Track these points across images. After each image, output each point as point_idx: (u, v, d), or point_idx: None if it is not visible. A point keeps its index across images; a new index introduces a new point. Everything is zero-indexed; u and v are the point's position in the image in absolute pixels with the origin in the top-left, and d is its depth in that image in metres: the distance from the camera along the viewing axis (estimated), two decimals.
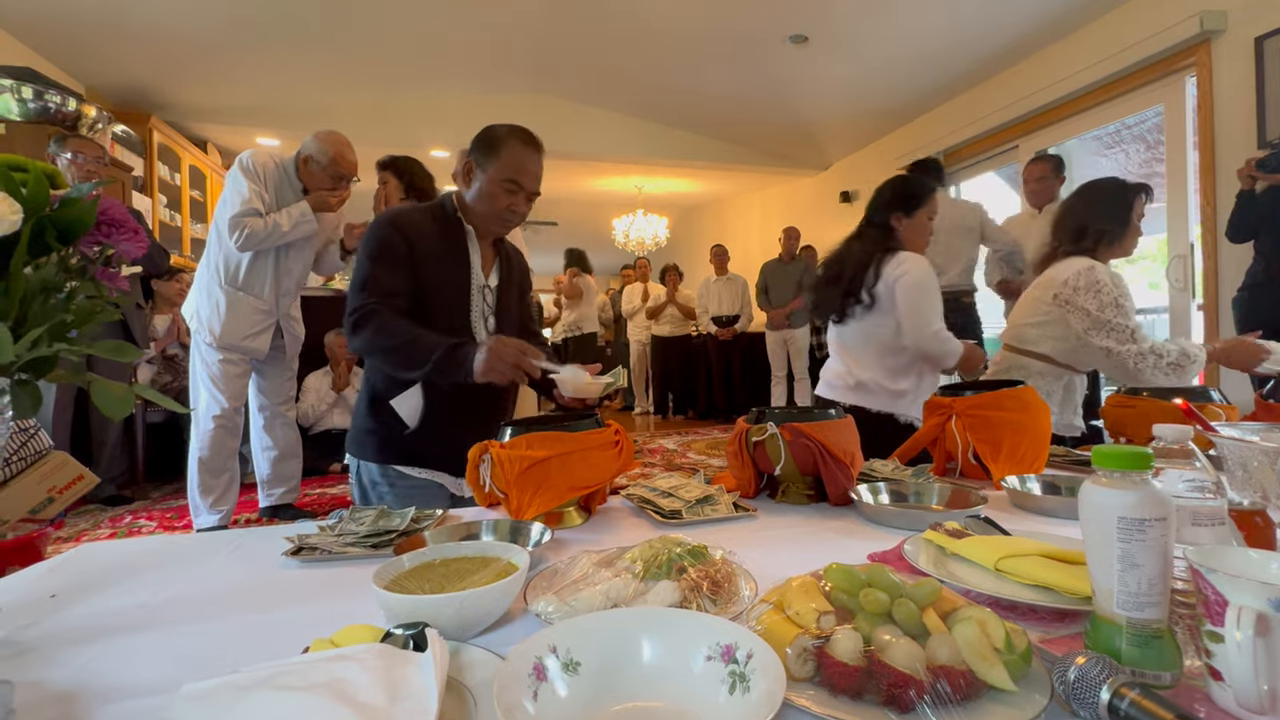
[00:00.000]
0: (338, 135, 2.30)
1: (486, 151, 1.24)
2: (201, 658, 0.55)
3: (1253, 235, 2.45)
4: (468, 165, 1.27)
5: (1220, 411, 1.23)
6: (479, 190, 1.25)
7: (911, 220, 1.69)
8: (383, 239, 1.20)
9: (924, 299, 1.62)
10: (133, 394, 0.64)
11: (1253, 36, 2.74)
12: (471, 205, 1.27)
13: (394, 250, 1.19)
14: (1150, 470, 0.45)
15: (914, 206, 1.69)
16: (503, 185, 1.23)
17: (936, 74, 4.21)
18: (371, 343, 1.14)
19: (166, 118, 4.56)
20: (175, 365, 3.33)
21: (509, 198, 1.24)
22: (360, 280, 1.18)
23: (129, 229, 0.64)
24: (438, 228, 1.26)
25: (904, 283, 1.63)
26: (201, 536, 0.92)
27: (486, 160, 1.24)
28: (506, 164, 1.23)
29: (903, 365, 1.67)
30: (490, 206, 1.25)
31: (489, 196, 1.25)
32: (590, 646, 0.45)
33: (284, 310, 2.41)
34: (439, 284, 1.23)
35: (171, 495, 3.22)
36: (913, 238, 1.70)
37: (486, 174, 1.24)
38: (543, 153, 1.28)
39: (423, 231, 1.23)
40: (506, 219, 1.27)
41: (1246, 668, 0.37)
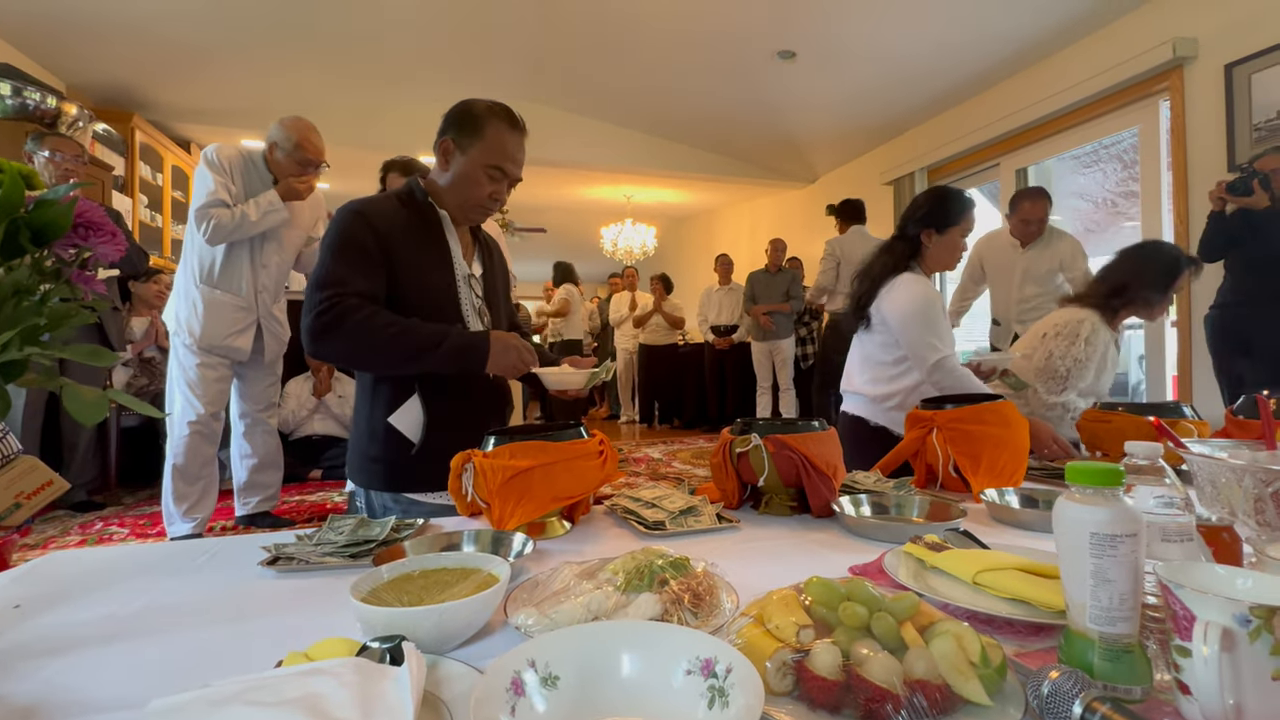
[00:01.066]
0: (302, 120, 2.28)
1: (467, 131, 1.11)
2: (172, 671, 0.54)
3: (1223, 255, 2.53)
4: (445, 145, 1.14)
5: (1192, 428, 1.26)
6: (457, 174, 1.13)
7: (943, 238, 1.63)
8: (346, 230, 1.06)
9: (920, 327, 1.55)
10: (106, 399, 0.63)
11: (1222, 64, 2.83)
12: (446, 190, 1.15)
13: (360, 242, 1.06)
14: (1122, 487, 0.46)
15: (947, 224, 1.62)
16: (485, 170, 1.12)
17: (921, 92, 4.30)
18: (354, 340, 1.00)
19: (150, 117, 4.50)
20: (153, 368, 3.27)
21: (492, 184, 1.13)
22: (321, 277, 1.03)
23: (106, 231, 0.63)
24: (408, 215, 1.13)
25: (893, 312, 1.60)
26: (175, 545, 0.91)
27: (467, 141, 1.11)
28: (490, 147, 1.11)
29: (890, 379, 1.67)
30: (470, 193, 1.14)
31: (470, 181, 1.13)
32: (569, 660, 0.45)
33: (265, 309, 2.37)
34: (419, 276, 1.11)
35: (145, 501, 3.15)
36: (940, 255, 1.65)
37: (467, 156, 1.12)
38: (525, 135, 1.17)
39: (393, 220, 1.10)
40: (487, 206, 1.16)
41: (1212, 682, 0.38)
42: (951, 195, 1.67)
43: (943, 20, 3.50)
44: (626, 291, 6.40)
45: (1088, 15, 3.30)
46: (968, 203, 1.65)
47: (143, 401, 0.68)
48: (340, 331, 1.00)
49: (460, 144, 1.13)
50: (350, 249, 1.05)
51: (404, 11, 3.83)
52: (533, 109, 5.32)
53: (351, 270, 1.04)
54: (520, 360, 1.06)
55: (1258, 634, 0.38)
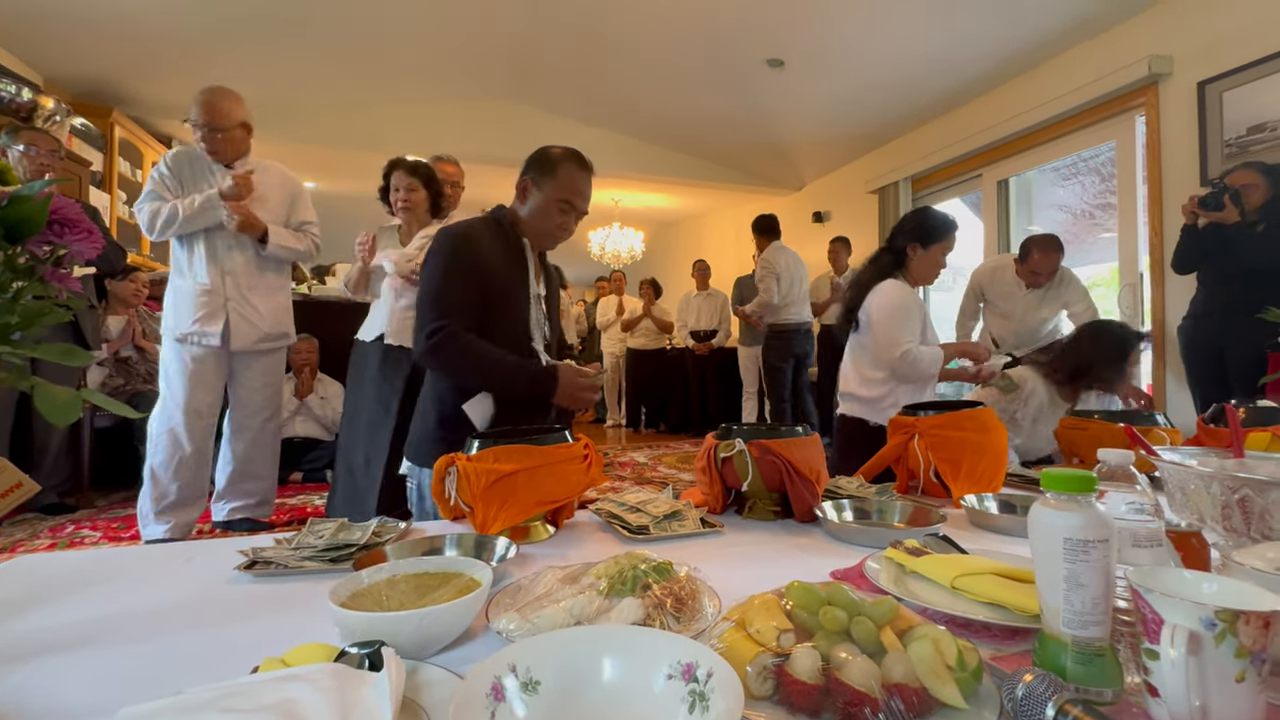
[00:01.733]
0: (210, 87, 2.29)
1: (544, 172, 1.32)
2: (144, 678, 0.53)
3: (1195, 268, 2.59)
4: (524, 183, 1.34)
5: (1164, 435, 1.29)
6: (534, 207, 1.33)
7: (926, 253, 1.77)
8: (455, 254, 1.25)
9: (892, 323, 1.70)
10: (80, 399, 0.61)
11: (1195, 81, 2.91)
12: (525, 220, 1.35)
13: (466, 265, 1.24)
14: (1094, 493, 0.48)
15: (931, 240, 1.77)
16: (557, 204, 1.32)
17: (906, 102, 4.36)
18: (454, 364, 1.22)
19: (130, 112, 4.42)
20: (129, 368, 3.20)
21: (561, 216, 1.33)
22: (434, 295, 1.23)
23: (83, 228, 0.62)
24: (499, 241, 1.32)
25: (874, 310, 1.74)
26: (150, 549, 0.89)
27: (543, 180, 1.32)
28: (563, 185, 1.31)
29: (883, 380, 1.77)
30: (543, 224, 1.33)
31: (543, 214, 1.32)
32: (550, 665, 0.45)
33: (235, 293, 2.28)
34: (505, 295, 1.29)
35: (120, 504, 3.08)
36: (922, 269, 1.79)
37: (543, 193, 1.32)
38: (592, 174, 1.38)
39: (489, 245, 1.29)
40: (556, 236, 1.36)
41: (1179, 684, 0.39)
42: (937, 215, 1.81)
43: (928, 33, 3.56)
44: (614, 295, 6.40)
45: (1067, 31, 3.38)
46: (951, 224, 1.80)
47: (118, 402, 0.66)
48: (445, 352, 1.20)
49: (537, 182, 1.33)
50: (457, 272, 1.24)
51: (393, 11, 3.81)
52: (519, 111, 5.33)
53: (459, 293, 1.23)
54: (584, 399, 1.26)
55: (1222, 637, 0.39)
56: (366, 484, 2.15)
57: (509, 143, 5.31)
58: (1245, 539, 0.60)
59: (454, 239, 1.26)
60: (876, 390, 1.77)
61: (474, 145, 5.13)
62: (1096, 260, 4.24)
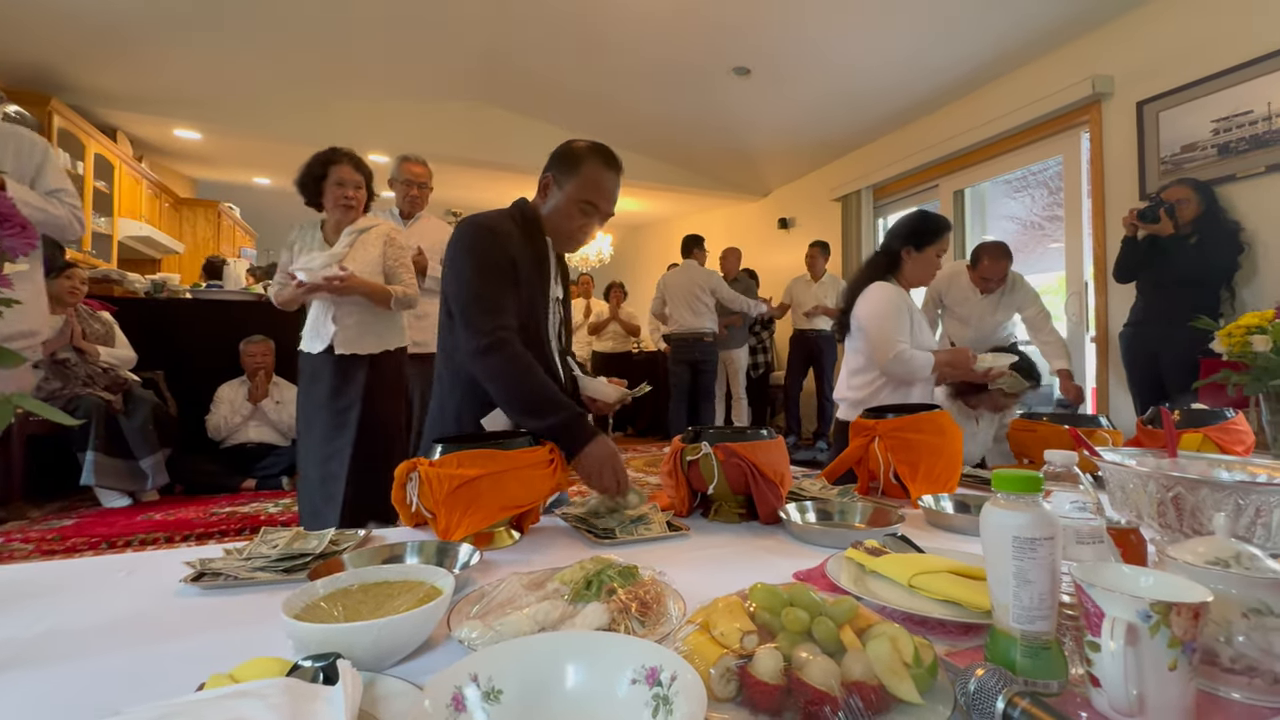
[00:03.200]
0: None
1: (565, 169, 1.20)
2: (79, 700, 0.50)
3: (1134, 277, 2.74)
4: (545, 180, 1.23)
5: (1107, 436, 1.36)
6: (555, 206, 1.22)
7: (920, 255, 1.78)
8: (487, 250, 1.13)
9: (883, 324, 1.71)
10: (11, 404, 0.58)
11: (1135, 101, 3.08)
12: (546, 219, 1.24)
13: (500, 264, 1.14)
14: (1041, 493, 0.50)
15: (924, 243, 1.77)
16: (579, 205, 1.20)
17: (868, 114, 4.49)
18: (499, 377, 1.08)
19: (70, 101, 4.19)
20: (66, 371, 3.03)
21: (583, 218, 1.21)
22: (481, 296, 1.10)
23: (16, 223, 0.59)
24: (524, 238, 1.20)
25: (864, 313, 1.75)
26: (87, 562, 0.84)
27: (565, 178, 1.20)
28: (586, 184, 1.19)
29: (872, 382, 1.80)
30: (564, 224, 1.22)
31: (564, 215, 1.21)
32: (512, 673, 0.44)
33: None
34: (528, 296, 1.18)
35: (54, 515, 2.91)
36: (916, 271, 1.80)
37: (564, 191, 1.20)
38: (621, 173, 1.25)
39: (516, 241, 1.18)
40: (577, 238, 1.24)
41: (1118, 674, 0.41)
42: (930, 217, 1.83)
43: (888, 47, 3.67)
44: (581, 299, 6.38)
45: (1018, 50, 3.53)
46: (945, 225, 1.81)
47: (53, 408, 0.63)
48: (490, 362, 1.07)
49: (559, 179, 1.21)
50: (494, 270, 1.12)
51: (353, 4, 3.72)
52: (486, 111, 5.27)
53: (502, 293, 1.12)
54: (612, 484, 1.03)
55: (1157, 628, 0.42)
56: (324, 498, 2.07)
57: (476, 144, 5.24)
58: (1179, 534, 0.63)
59: (483, 231, 1.15)
60: (863, 393, 1.80)
61: (441, 145, 5.05)
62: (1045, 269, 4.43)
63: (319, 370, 2.13)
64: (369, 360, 2.12)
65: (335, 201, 2.10)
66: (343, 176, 2.09)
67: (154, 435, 3.13)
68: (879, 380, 1.78)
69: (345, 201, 2.09)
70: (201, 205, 6.11)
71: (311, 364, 2.16)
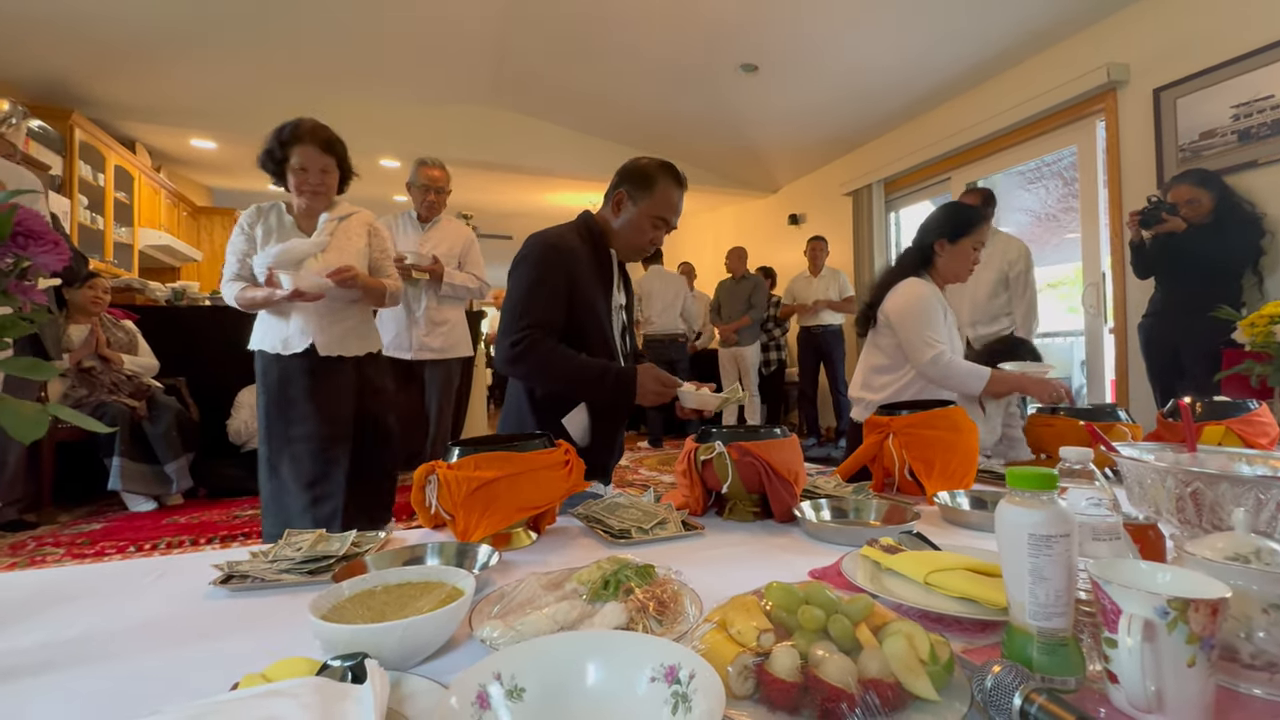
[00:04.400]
0: None
1: (640, 186, 1.33)
2: (116, 700, 0.51)
3: (1154, 273, 2.69)
4: (619, 196, 1.35)
5: (1126, 431, 1.34)
6: (628, 221, 1.34)
7: (955, 247, 1.71)
8: (543, 264, 1.25)
9: (916, 322, 1.64)
10: (47, 414, 0.60)
11: (1151, 88, 3.03)
12: (617, 232, 1.36)
13: (554, 279, 1.25)
14: (1056, 490, 0.50)
15: (959, 234, 1.71)
16: (651, 219, 1.33)
17: (878, 107, 4.45)
18: (538, 371, 1.23)
19: (90, 114, 4.29)
20: (93, 379, 3.10)
21: (654, 231, 1.35)
22: (521, 307, 1.23)
23: (48, 241, 0.61)
24: (588, 251, 1.32)
25: (895, 308, 1.67)
26: (119, 565, 0.87)
27: (639, 194, 1.33)
28: (659, 201, 1.32)
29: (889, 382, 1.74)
30: (636, 238, 1.35)
31: (636, 229, 1.34)
32: (534, 672, 0.46)
33: None
34: (589, 305, 1.30)
35: (83, 519, 2.98)
36: (952, 264, 1.73)
37: (638, 207, 1.33)
38: (686, 189, 1.38)
39: (578, 256, 1.30)
40: (645, 249, 1.38)
41: (1136, 670, 0.41)
42: (963, 207, 1.77)
43: (897, 40, 3.64)
44: None
45: (1030, 39, 3.49)
46: (978, 215, 1.74)
47: (85, 415, 0.65)
48: (529, 359, 1.22)
49: (633, 195, 1.34)
50: (545, 284, 1.25)
51: (364, 13, 3.76)
52: (496, 114, 5.30)
53: (543, 305, 1.24)
54: (663, 392, 1.23)
55: (1174, 625, 0.42)
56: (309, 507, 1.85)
57: (487, 146, 5.28)
58: (1198, 530, 0.63)
59: (547, 248, 1.27)
60: (883, 393, 1.74)
61: (452, 149, 5.09)
62: (1061, 261, 4.37)
63: (292, 374, 1.85)
64: (355, 363, 1.94)
65: (298, 188, 1.79)
66: (305, 160, 1.75)
67: (177, 440, 3.19)
68: (903, 380, 1.72)
69: (310, 188, 1.79)
70: (218, 213, 6.22)
71: (282, 367, 1.86)
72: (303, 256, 1.78)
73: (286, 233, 1.83)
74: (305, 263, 1.81)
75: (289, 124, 1.75)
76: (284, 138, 1.75)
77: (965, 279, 1.78)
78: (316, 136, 1.76)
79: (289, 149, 1.75)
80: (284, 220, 1.84)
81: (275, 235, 1.83)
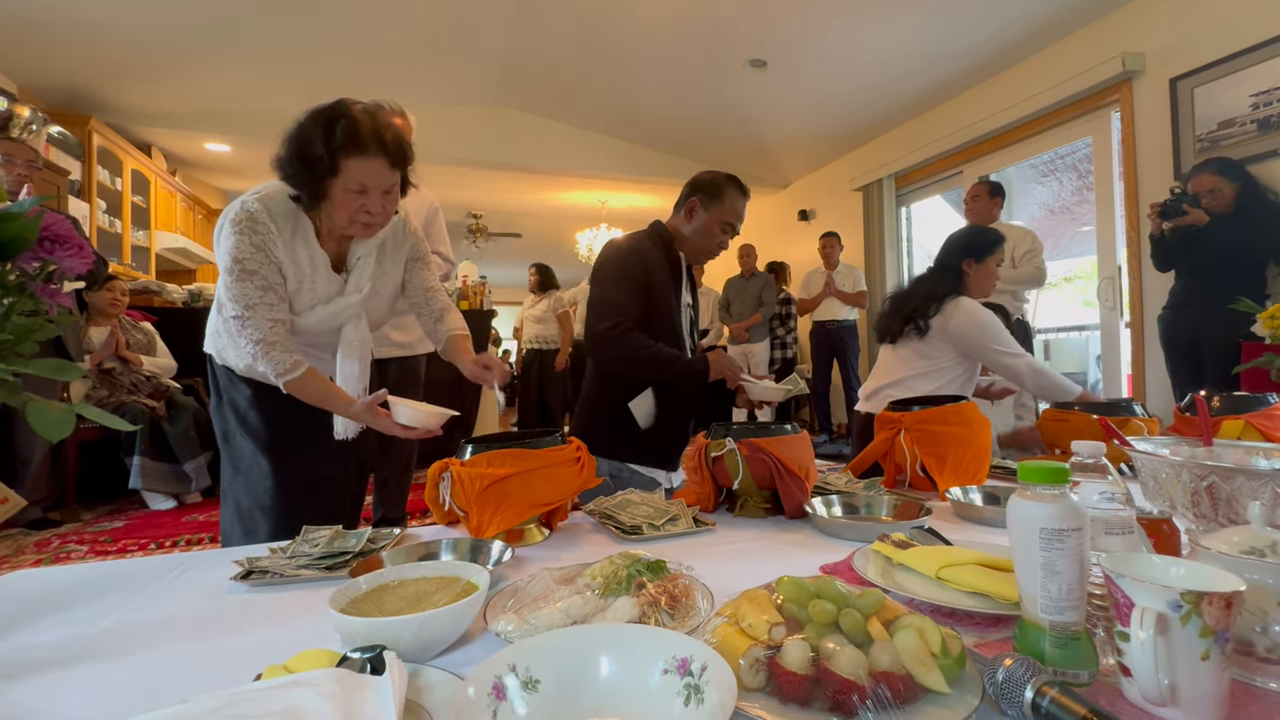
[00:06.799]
0: None
1: (711, 195, 1.49)
2: (146, 689, 0.53)
3: (1174, 265, 2.65)
4: (691, 204, 1.50)
5: (1142, 425, 1.32)
6: (699, 227, 1.50)
7: (982, 266, 1.82)
8: (626, 264, 1.43)
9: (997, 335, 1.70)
10: (73, 414, 0.62)
11: (1168, 78, 2.98)
12: (688, 238, 1.51)
13: (635, 276, 1.42)
14: (1068, 484, 0.50)
15: (985, 253, 1.82)
16: (720, 225, 1.49)
17: (888, 101, 4.42)
18: (629, 354, 1.37)
19: (107, 120, 4.36)
20: (113, 380, 3.16)
21: (722, 235, 1.50)
22: (610, 300, 1.40)
23: (73, 245, 0.62)
24: (661, 256, 1.48)
25: (962, 325, 1.72)
26: (142, 562, 0.89)
27: (710, 203, 1.49)
28: (728, 208, 1.49)
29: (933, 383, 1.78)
30: (706, 242, 1.51)
31: (707, 233, 1.50)
32: (549, 664, 0.46)
33: None
34: (663, 304, 1.45)
35: (105, 517, 3.04)
36: (980, 282, 1.83)
37: (709, 214, 1.49)
38: (749, 198, 1.54)
39: (653, 261, 1.46)
40: (714, 252, 1.53)
41: (1148, 664, 0.41)
42: (985, 229, 1.90)
43: (907, 32, 3.60)
44: None
45: (1044, 30, 3.44)
46: (1000, 236, 1.87)
47: (109, 414, 0.67)
48: (620, 344, 1.37)
49: (705, 204, 1.49)
50: (628, 281, 1.41)
51: (373, 17, 3.79)
52: (504, 114, 5.32)
53: (627, 298, 1.40)
54: (735, 369, 1.42)
55: (1188, 618, 0.41)
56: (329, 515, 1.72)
57: (495, 146, 5.30)
58: (1214, 524, 0.62)
59: (625, 253, 1.44)
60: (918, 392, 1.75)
61: (461, 149, 5.12)
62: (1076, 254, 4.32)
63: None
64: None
65: (350, 215, 1.11)
66: (368, 178, 1.08)
67: (195, 440, 3.24)
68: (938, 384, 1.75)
69: (367, 219, 1.12)
70: None
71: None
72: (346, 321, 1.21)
73: (318, 269, 1.16)
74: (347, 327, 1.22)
75: (339, 117, 1.09)
76: (336, 142, 1.06)
77: (990, 294, 1.87)
78: (384, 144, 1.09)
79: (343, 158, 1.07)
80: (310, 242, 1.15)
81: (306, 271, 1.15)
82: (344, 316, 1.20)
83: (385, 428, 1.10)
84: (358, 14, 3.75)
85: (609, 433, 1.44)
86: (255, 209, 1.10)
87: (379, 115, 1.13)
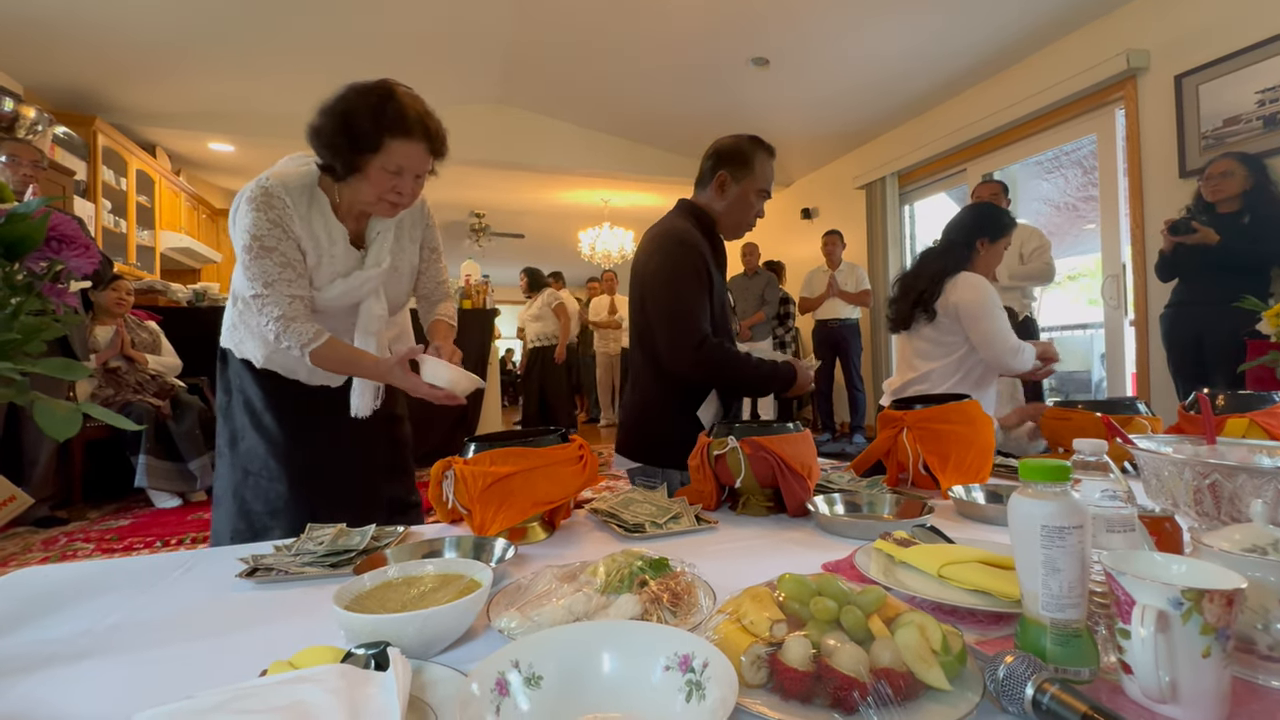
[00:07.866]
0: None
1: (740, 165, 1.39)
2: (152, 685, 0.54)
3: (1179, 275, 2.64)
4: (721, 178, 1.40)
5: (1146, 423, 1.32)
6: (734, 200, 1.40)
7: (994, 246, 1.80)
8: (697, 269, 1.33)
9: (995, 317, 1.69)
10: (79, 413, 0.62)
11: (1173, 74, 2.97)
12: (722, 213, 1.41)
13: (702, 278, 1.33)
14: (1069, 482, 0.50)
15: (999, 233, 1.80)
16: (757, 194, 1.40)
17: (890, 99, 4.41)
18: (718, 372, 1.31)
19: (112, 120, 4.38)
20: (118, 379, 3.18)
21: (758, 203, 1.41)
22: (689, 311, 1.30)
23: (80, 245, 0.63)
24: (708, 241, 1.38)
25: (965, 304, 1.70)
26: (148, 559, 0.89)
27: (741, 173, 1.38)
28: (759, 175, 1.39)
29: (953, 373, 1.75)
30: (743, 215, 1.41)
31: (743, 205, 1.40)
32: (552, 660, 0.47)
33: None
34: (717, 293, 1.38)
35: (111, 515, 3.06)
36: (989, 262, 1.81)
37: (741, 185, 1.39)
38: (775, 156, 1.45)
39: (703, 248, 1.36)
40: (751, 224, 1.44)
41: (1149, 661, 0.41)
42: (1000, 210, 1.86)
43: (910, 30, 3.59)
44: (606, 295, 6.41)
45: (1047, 27, 3.43)
46: (1013, 219, 1.86)
47: (115, 413, 0.67)
48: (712, 362, 1.29)
49: (735, 175, 1.39)
50: (698, 282, 1.32)
51: (376, 15, 3.80)
52: (507, 113, 5.32)
53: (704, 308, 1.32)
54: (807, 380, 1.39)
55: (1189, 615, 0.42)
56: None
57: (498, 145, 5.31)
58: (1216, 522, 0.62)
59: (687, 248, 1.33)
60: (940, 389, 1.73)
61: (463, 148, 5.10)
62: (1081, 251, 4.30)
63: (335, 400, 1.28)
64: None
65: (380, 193, 1.13)
66: (406, 161, 1.12)
67: (200, 439, 3.26)
68: (959, 374, 1.72)
69: (396, 198, 1.15)
70: None
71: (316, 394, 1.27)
72: (365, 296, 1.21)
73: (336, 243, 1.17)
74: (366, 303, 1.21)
75: (389, 97, 1.10)
76: (386, 120, 1.08)
77: (993, 275, 1.85)
78: (428, 131, 1.14)
79: (387, 138, 1.09)
80: (327, 216, 1.16)
81: (324, 246, 1.16)
82: (363, 291, 1.20)
83: (413, 386, 1.12)
84: (361, 14, 3.76)
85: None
86: (271, 185, 1.11)
87: (422, 101, 1.17)
